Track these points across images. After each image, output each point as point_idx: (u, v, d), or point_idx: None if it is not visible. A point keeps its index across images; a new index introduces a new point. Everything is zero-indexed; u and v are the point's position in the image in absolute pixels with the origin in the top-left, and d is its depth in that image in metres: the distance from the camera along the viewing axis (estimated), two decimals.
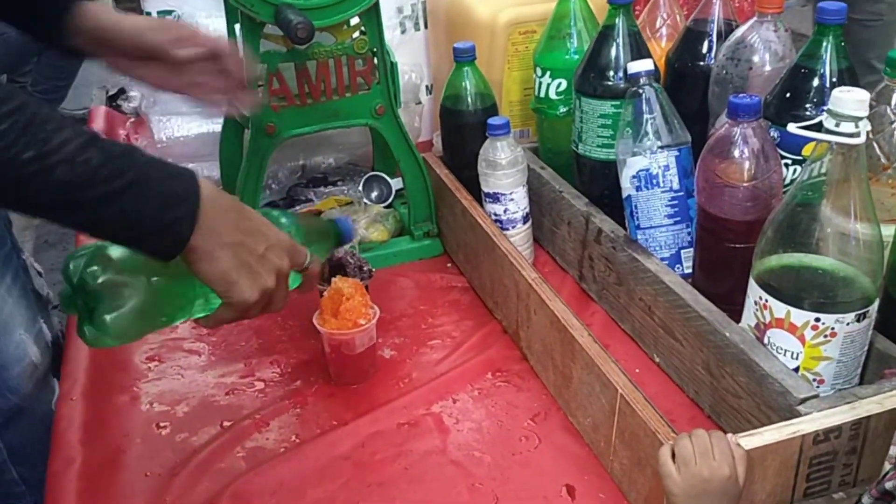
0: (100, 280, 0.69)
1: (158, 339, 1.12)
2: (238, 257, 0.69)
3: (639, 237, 1.03)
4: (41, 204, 0.62)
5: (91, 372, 1.04)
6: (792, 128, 0.79)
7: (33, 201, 0.62)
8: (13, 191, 0.60)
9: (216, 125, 1.38)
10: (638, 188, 1.01)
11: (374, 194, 1.38)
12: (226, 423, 0.96)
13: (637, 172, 1.00)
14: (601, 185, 1.14)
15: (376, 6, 1.11)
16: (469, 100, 1.22)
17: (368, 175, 1.38)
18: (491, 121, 1.14)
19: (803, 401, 0.77)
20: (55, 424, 0.97)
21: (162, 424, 0.97)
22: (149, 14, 1.44)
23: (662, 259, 1.02)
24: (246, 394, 1.01)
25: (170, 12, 1.42)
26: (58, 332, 1.14)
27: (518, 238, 1.16)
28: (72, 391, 1.01)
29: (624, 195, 1.04)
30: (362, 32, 1.14)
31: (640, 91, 1.00)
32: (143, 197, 0.63)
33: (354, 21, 1.13)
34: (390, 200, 1.37)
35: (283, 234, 0.75)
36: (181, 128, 1.42)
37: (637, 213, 1.02)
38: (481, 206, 1.17)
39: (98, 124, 1.76)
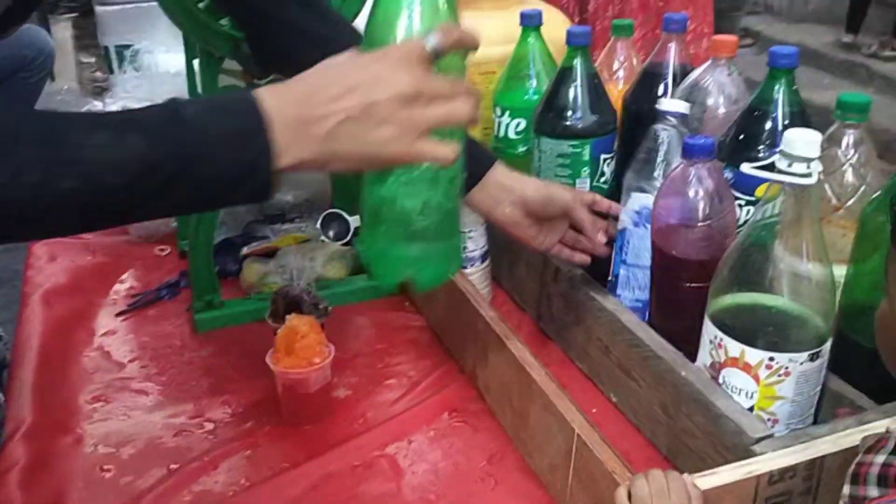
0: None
1: (105, 379, 1.09)
2: (348, 133, 0.61)
3: (620, 272, 1.02)
4: (102, 210, 0.58)
5: (35, 412, 1.00)
6: (745, 167, 0.80)
7: (97, 212, 0.58)
8: (77, 216, 0.58)
9: None
10: (636, 223, 1.00)
11: (331, 232, 1.36)
12: (173, 466, 0.93)
13: (640, 208, 0.99)
14: None
15: None
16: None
17: (327, 212, 1.36)
18: None
19: (758, 440, 0.76)
20: None
21: (106, 467, 0.94)
22: (105, 48, 1.42)
23: (637, 300, 1.01)
24: (195, 435, 0.98)
25: (127, 46, 1.41)
26: None
27: (476, 277, 1.15)
28: (14, 433, 0.97)
29: (619, 227, 1.02)
30: None
31: (665, 130, 0.97)
32: (206, 160, 0.58)
33: None
34: (349, 238, 1.36)
35: (373, 61, 0.63)
36: None
37: (627, 248, 1.01)
38: None
39: None
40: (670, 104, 0.97)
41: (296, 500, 0.88)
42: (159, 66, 1.41)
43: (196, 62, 1.29)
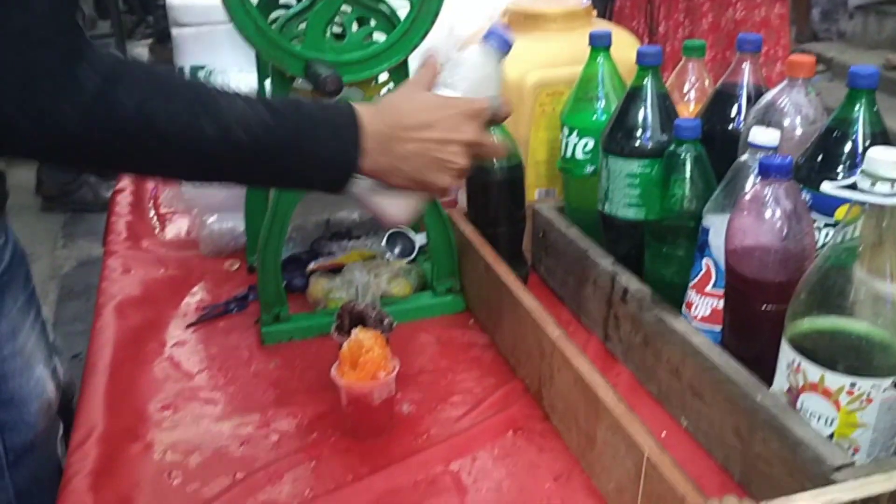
0: None
1: (174, 388, 1.10)
2: (417, 159, 0.76)
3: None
4: (231, 163, 0.72)
5: (106, 419, 1.02)
6: (826, 186, 0.78)
7: (225, 163, 0.72)
8: (207, 161, 0.71)
9: None
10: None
11: (397, 249, 1.37)
12: (238, 475, 0.94)
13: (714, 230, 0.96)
14: (628, 244, 1.13)
15: (405, 63, 1.12)
16: (495, 158, 1.22)
17: (392, 231, 1.38)
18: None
19: (838, 468, 0.74)
20: (65, 471, 0.95)
21: (174, 474, 0.95)
22: (181, 69, 1.46)
23: None
24: (260, 445, 0.99)
25: (202, 67, 1.45)
26: (61, 378, 1.13)
27: None
28: (86, 439, 0.99)
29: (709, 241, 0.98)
30: (391, 89, 1.15)
31: (755, 161, 0.92)
32: (313, 142, 0.73)
33: (383, 77, 1.14)
34: (413, 256, 1.36)
35: (454, 104, 0.78)
36: None
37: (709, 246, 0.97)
38: (506, 262, 1.15)
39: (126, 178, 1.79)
40: (763, 135, 0.91)
41: None
42: (232, 86, 1.44)
43: (268, 82, 1.32)
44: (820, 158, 0.92)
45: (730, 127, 1.10)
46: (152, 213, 1.69)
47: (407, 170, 0.76)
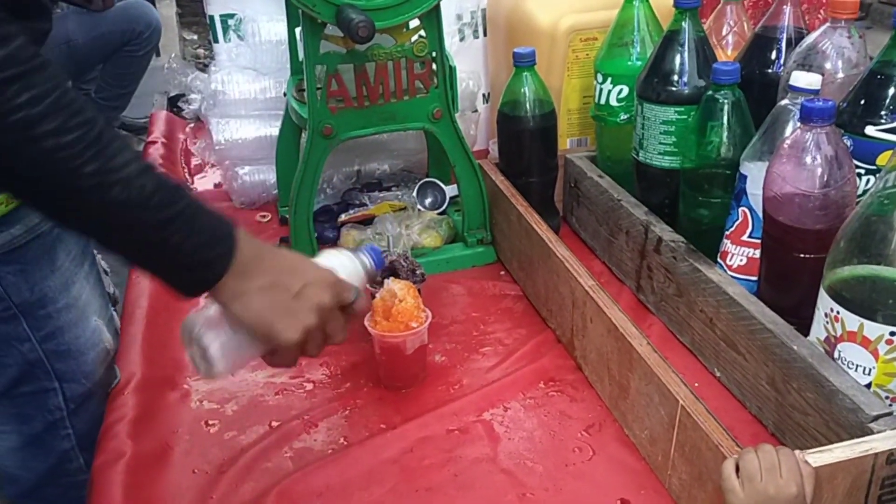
0: None
1: None
2: (272, 298, 0.69)
3: None
4: (93, 220, 0.64)
5: (144, 368, 1.04)
6: (870, 130, 0.76)
7: (86, 216, 0.64)
8: (69, 202, 0.63)
9: (274, 128, 1.39)
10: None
11: (427, 201, 1.36)
12: (274, 423, 0.95)
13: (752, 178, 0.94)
14: (662, 193, 1.11)
15: (437, 9, 1.10)
16: (527, 106, 1.20)
17: (423, 181, 1.37)
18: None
19: (876, 418, 0.73)
20: (105, 418, 0.97)
21: (211, 422, 0.97)
22: (211, 18, 1.45)
23: None
24: (295, 394, 1.00)
25: (232, 16, 1.43)
26: (117, 327, 1.15)
27: None
28: (125, 386, 1.01)
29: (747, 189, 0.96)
30: (422, 36, 1.13)
31: (796, 106, 0.89)
32: (188, 230, 0.66)
33: (414, 23, 1.12)
34: (444, 207, 1.36)
35: (325, 270, 0.74)
36: (239, 130, 1.43)
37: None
38: (537, 213, 1.14)
39: (159, 128, 1.79)
40: (804, 78, 0.89)
41: (393, 461, 0.89)
42: (262, 35, 1.42)
43: (298, 30, 1.30)
44: (863, 103, 0.89)
45: (769, 71, 1.07)
46: (184, 165, 1.70)
47: (257, 305, 0.69)
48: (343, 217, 1.33)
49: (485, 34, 1.51)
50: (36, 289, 0.92)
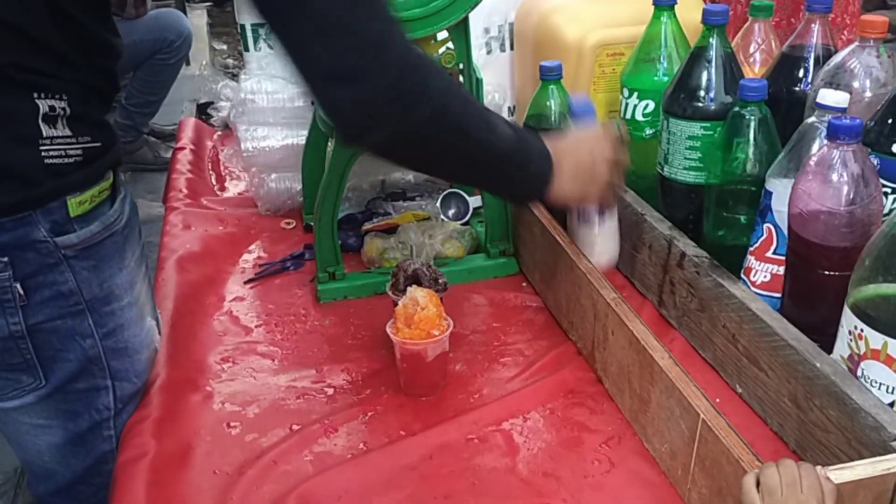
0: None
1: (233, 342, 1.13)
2: (579, 179, 0.95)
3: None
4: (477, 165, 0.89)
5: (168, 370, 1.05)
6: None
7: (481, 161, 0.89)
8: (472, 151, 0.87)
9: (300, 137, 1.41)
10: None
11: (451, 211, 1.37)
12: (295, 427, 0.96)
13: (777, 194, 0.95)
14: (686, 208, 1.11)
15: (465, 21, 1.11)
16: (553, 119, 1.21)
17: (447, 192, 1.38)
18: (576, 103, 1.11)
19: None
20: (130, 417, 0.99)
21: (233, 424, 0.98)
22: (242, 27, 1.47)
23: None
24: (316, 399, 1.01)
25: (263, 25, 1.45)
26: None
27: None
28: (149, 387, 1.02)
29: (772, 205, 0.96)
30: (450, 48, 1.14)
31: (823, 125, 0.89)
32: (534, 157, 0.92)
33: (442, 35, 1.13)
34: (467, 218, 1.36)
35: (599, 136, 0.99)
36: (267, 138, 1.44)
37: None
38: (561, 226, 1.15)
39: (188, 134, 1.82)
40: (832, 96, 0.89)
41: (412, 468, 0.89)
42: None
43: None
44: (890, 122, 0.89)
45: (796, 89, 1.07)
46: (211, 171, 1.72)
47: (569, 188, 0.94)
48: (367, 225, 1.34)
49: (511, 48, 1.52)
50: (105, 285, 0.93)
